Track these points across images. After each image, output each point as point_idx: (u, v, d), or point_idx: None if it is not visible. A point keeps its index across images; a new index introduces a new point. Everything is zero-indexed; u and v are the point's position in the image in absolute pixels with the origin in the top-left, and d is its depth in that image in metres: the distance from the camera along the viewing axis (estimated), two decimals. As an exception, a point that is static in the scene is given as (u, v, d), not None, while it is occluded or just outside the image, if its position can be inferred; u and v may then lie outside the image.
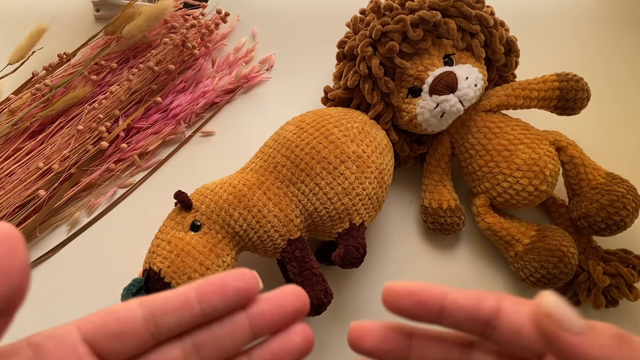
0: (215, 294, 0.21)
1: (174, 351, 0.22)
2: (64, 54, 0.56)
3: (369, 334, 0.23)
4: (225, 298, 0.21)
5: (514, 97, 0.47)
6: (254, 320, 0.22)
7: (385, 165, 0.44)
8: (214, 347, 0.22)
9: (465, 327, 0.21)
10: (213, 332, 0.22)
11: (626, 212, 0.42)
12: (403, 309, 0.21)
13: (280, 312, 0.22)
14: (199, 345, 0.22)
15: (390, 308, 0.22)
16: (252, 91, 0.58)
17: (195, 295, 0.21)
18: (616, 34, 0.60)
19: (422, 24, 0.44)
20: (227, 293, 0.21)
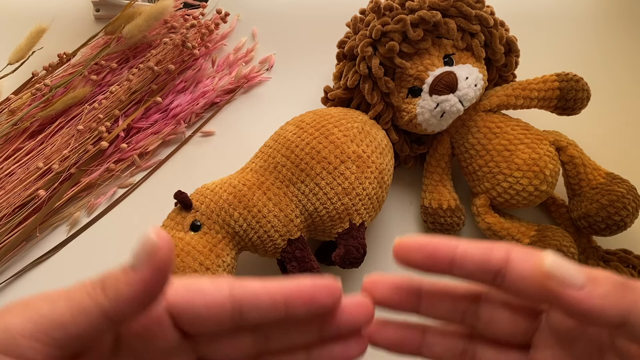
0: (304, 305, 0.21)
1: (247, 338, 0.23)
2: (64, 54, 0.56)
3: (381, 285, 0.23)
4: (310, 309, 0.21)
5: (514, 97, 0.47)
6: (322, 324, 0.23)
7: (385, 165, 0.44)
8: (282, 341, 0.23)
9: (475, 277, 0.22)
10: (285, 327, 0.23)
11: (626, 212, 0.42)
12: (414, 262, 0.22)
13: (349, 322, 0.23)
14: (270, 336, 0.23)
15: (401, 262, 0.22)
16: (252, 91, 0.58)
17: (284, 300, 0.21)
18: (616, 34, 0.60)
19: (422, 24, 0.44)
20: (314, 306, 0.21)
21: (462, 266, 0.21)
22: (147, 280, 0.19)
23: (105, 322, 0.19)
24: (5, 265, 0.48)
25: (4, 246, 0.47)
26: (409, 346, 0.25)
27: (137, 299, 0.19)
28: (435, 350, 0.24)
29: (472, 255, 0.21)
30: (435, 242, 0.21)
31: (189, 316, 0.21)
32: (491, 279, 0.21)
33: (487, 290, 0.24)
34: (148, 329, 0.21)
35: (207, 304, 0.21)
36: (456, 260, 0.21)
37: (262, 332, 0.23)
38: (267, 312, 0.21)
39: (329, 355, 0.23)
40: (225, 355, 0.23)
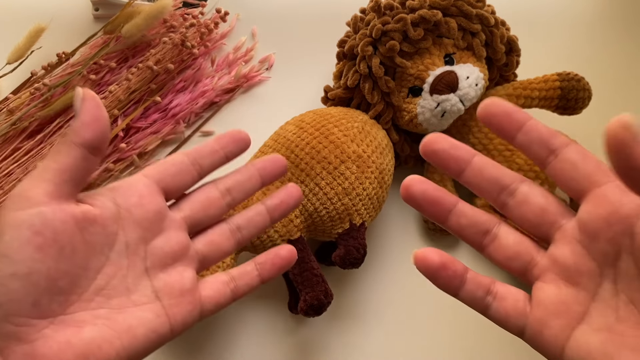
0: (230, 142, 0.30)
1: (214, 192, 0.30)
2: (63, 53, 0.56)
3: (442, 138, 0.26)
4: (236, 144, 0.31)
5: (515, 96, 0.47)
6: (261, 172, 0.31)
7: (385, 165, 0.43)
8: (239, 189, 0.31)
9: (533, 148, 0.24)
10: (237, 180, 0.31)
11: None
12: (495, 114, 0.25)
13: (274, 166, 0.32)
14: (230, 188, 0.31)
15: (483, 117, 0.25)
16: (251, 91, 0.58)
17: (218, 145, 0.30)
18: (617, 33, 0.60)
19: (422, 23, 0.44)
20: (236, 141, 0.31)
21: (529, 132, 0.24)
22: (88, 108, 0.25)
23: (76, 150, 0.25)
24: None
25: (3, 246, 0.47)
26: (441, 207, 0.26)
27: (88, 124, 0.25)
28: (461, 222, 0.26)
29: (541, 128, 0.24)
30: (515, 108, 0.25)
31: (167, 177, 0.28)
32: (546, 154, 0.24)
33: (530, 180, 0.26)
34: (141, 196, 0.27)
35: (174, 164, 0.29)
36: (526, 125, 0.24)
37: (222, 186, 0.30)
38: (212, 156, 0.30)
39: (278, 199, 0.32)
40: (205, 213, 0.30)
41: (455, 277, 0.25)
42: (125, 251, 0.27)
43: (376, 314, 0.45)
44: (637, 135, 0.19)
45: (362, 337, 0.44)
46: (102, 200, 0.26)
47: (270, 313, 0.45)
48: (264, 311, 0.45)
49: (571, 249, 0.24)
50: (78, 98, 0.25)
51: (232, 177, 0.31)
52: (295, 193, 0.33)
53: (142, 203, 0.27)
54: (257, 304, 0.45)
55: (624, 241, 0.22)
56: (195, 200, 0.30)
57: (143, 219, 0.27)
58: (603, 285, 0.23)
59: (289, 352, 0.44)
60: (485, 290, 0.25)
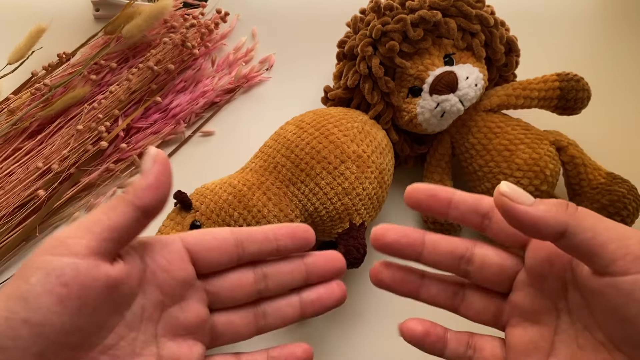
0: (288, 237, 0.28)
1: (249, 275, 0.28)
2: (64, 53, 0.56)
3: (391, 231, 0.28)
4: (294, 241, 0.28)
5: (515, 96, 0.47)
6: (309, 267, 0.29)
7: (385, 165, 0.43)
8: (278, 280, 0.28)
9: (467, 218, 0.26)
10: (279, 269, 0.28)
11: (627, 212, 0.42)
12: (421, 201, 0.27)
13: (328, 265, 0.29)
14: (267, 275, 0.28)
15: (411, 202, 0.27)
16: (252, 91, 0.58)
17: (273, 235, 0.28)
18: (616, 34, 0.60)
19: (422, 24, 0.44)
20: (295, 238, 0.28)
21: (458, 207, 0.26)
22: (156, 173, 0.25)
23: (132, 211, 0.24)
24: (5, 265, 0.48)
25: (4, 246, 0.47)
26: (410, 286, 0.29)
27: (152, 188, 0.24)
28: (431, 292, 0.28)
29: (467, 199, 0.26)
30: (438, 187, 0.27)
31: (203, 250, 0.27)
32: (480, 220, 0.26)
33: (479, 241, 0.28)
34: (170, 261, 0.26)
35: (215, 238, 0.27)
36: (453, 202, 0.26)
37: (260, 271, 0.28)
38: (262, 245, 0.28)
39: (316, 295, 0.29)
40: (232, 295, 0.28)
41: (438, 340, 0.28)
42: (140, 314, 0.26)
43: (376, 314, 0.45)
44: (513, 197, 0.23)
45: (362, 337, 0.44)
46: (133, 256, 0.25)
47: (270, 313, 0.45)
48: (264, 311, 0.45)
49: (526, 292, 0.26)
50: (149, 158, 0.25)
51: (275, 264, 0.29)
52: (337, 292, 0.29)
53: (170, 269, 0.26)
54: (258, 304, 0.45)
55: (566, 276, 0.25)
56: (226, 278, 0.28)
57: (166, 285, 0.26)
58: (561, 318, 0.26)
59: (289, 352, 0.44)
60: (464, 345, 0.28)
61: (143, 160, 0.25)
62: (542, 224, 0.22)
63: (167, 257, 0.26)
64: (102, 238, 0.24)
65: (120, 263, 0.24)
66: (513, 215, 0.23)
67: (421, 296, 0.29)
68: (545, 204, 0.23)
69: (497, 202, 0.23)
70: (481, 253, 0.27)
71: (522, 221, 0.23)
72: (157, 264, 0.26)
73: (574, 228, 0.22)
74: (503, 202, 0.23)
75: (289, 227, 0.28)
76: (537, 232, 0.23)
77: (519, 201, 0.23)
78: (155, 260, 0.26)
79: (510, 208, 0.23)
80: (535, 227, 0.23)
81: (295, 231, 0.28)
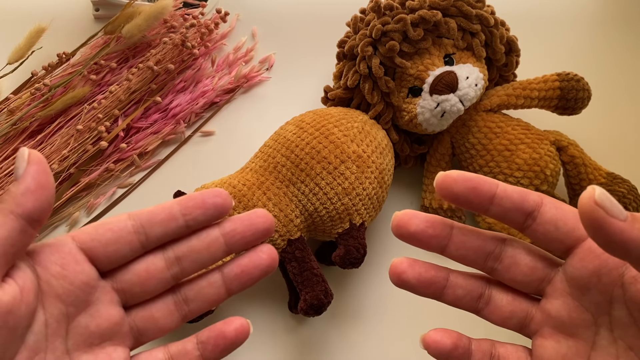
0: (197, 208, 0.24)
1: (158, 261, 0.25)
2: (64, 53, 0.56)
3: (416, 219, 0.25)
4: (205, 212, 0.24)
5: (515, 96, 0.47)
6: (227, 237, 0.25)
7: (385, 165, 0.43)
8: (193, 259, 0.25)
9: (509, 216, 0.23)
10: (193, 247, 0.25)
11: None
12: (458, 194, 0.23)
13: (250, 230, 0.25)
14: (180, 257, 0.25)
15: (444, 193, 0.23)
16: (251, 91, 0.58)
17: (179, 209, 0.24)
18: (617, 34, 0.60)
19: (422, 24, 0.44)
20: (206, 207, 0.24)
21: (501, 203, 0.23)
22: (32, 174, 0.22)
23: (14, 221, 0.21)
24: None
25: (3, 246, 0.47)
26: (435, 286, 0.26)
27: (31, 192, 0.21)
28: (457, 293, 0.26)
29: (511, 194, 0.23)
30: (481, 178, 0.23)
31: (99, 246, 0.23)
32: (523, 219, 0.23)
33: (511, 237, 0.25)
34: (64, 266, 0.23)
35: (110, 229, 0.24)
36: (497, 197, 0.23)
37: (171, 253, 0.25)
38: (167, 225, 0.24)
39: (239, 268, 0.26)
40: (143, 288, 0.25)
41: (465, 353, 0.25)
42: (44, 331, 0.22)
43: (376, 314, 0.45)
44: (609, 209, 0.19)
45: (362, 337, 0.44)
46: (23, 269, 0.22)
47: (270, 312, 0.45)
48: (264, 311, 0.45)
49: (563, 302, 0.24)
50: (22, 160, 0.22)
51: (187, 242, 0.25)
52: (264, 260, 0.26)
53: (65, 274, 0.23)
54: (257, 304, 0.45)
55: (614, 291, 0.23)
56: (133, 271, 0.25)
57: (66, 293, 0.23)
58: (600, 334, 0.23)
59: (289, 352, 0.44)
60: (488, 355, 0.26)
61: (16, 164, 0.22)
62: (635, 245, 0.19)
63: (59, 262, 0.23)
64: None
65: (11, 282, 0.21)
66: (605, 230, 0.19)
67: (445, 297, 0.26)
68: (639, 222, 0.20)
69: (590, 212, 0.19)
70: (512, 251, 0.25)
71: (613, 238, 0.20)
72: (50, 271, 0.23)
73: None
74: (598, 214, 0.19)
75: (196, 197, 0.24)
76: (626, 252, 0.20)
77: (614, 214, 0.19)
78: (48, 268, 0.23)
79: (605, 222, 0.19)
80: (626, 247, 0.20)
81: (204, 199, 0.24)
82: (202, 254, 0.25)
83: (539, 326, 0.25)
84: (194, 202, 0.24)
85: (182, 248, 0.25)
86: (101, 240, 0.24)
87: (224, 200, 0.24)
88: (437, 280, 0.26)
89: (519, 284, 0.25)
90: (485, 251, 0.25)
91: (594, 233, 0.20)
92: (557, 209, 0.23)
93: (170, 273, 0.25)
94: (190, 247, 0.25)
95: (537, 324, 0.25)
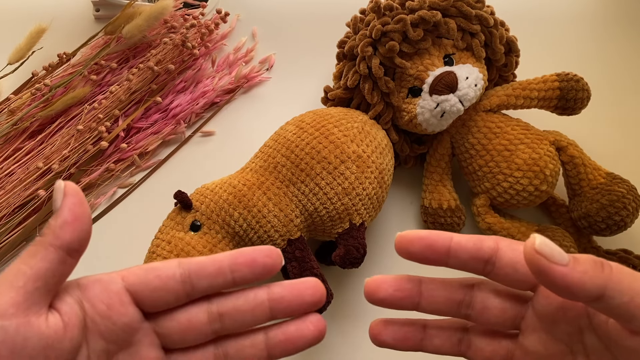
0: (246, 266, 0.24)
1: (201, 314, 0.25)
2: (64, 53, 0.56)
3: (385, 284, 0.25)
4: (253, 271, 0.24)
5: (514, 97, 0.47)
6: (274, 303, 0.25)
7: (385, 165, 0.44)
8: (235, 319, 0.25)
9: (468, 265, 0.24)
10: (238, 307, 0.25)
11: (626, 212, 0.42)
12: (414, 253, 0.24)
13: (298, 300, 0.25)
14: (223, 314, 0.25)
15: (402, 253, 0.24)
16: (252, 91, 0.58)
17: (229, 264, 0.24)
18: (616, 34, 0.60)
19: (422, 24, 0.44)
20: (255, 267, 0.24)
21: (457, 255, 0.24)
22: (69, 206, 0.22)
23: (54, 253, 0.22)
24: (5, 265, 0.48)
25: (4, 246, 0.47)
26: (412, 341, 0.27)
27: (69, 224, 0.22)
28: (435, 343, 0.27)
29: (466, 245, 0.24)
30: (433, 234, 0.24)
31: (146, 291, 0.24)
32: (482, 267, 0.24)
33: (479, 280, 0.26)
34: (110, 306, 0.23)
35: (158, 275, 0.24)
36: (451, 250, 0.24)
37: (214, 309, 0.25)
38: (214, 279, 0.24)
39: (284, 336, 0.25)
40: (183, 336, 0.25)
41: None
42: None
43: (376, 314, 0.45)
44: (549, 256, 0.20)
45: (362, 337, 0.44)
46: (71, 304, 0.23)
47: (270, 312, 0.45)
48: (264, 311, 0.45)
49: (538, 336, 0.25)
50: (59, 192, 0.22)
51: (232, 300, 0.25)
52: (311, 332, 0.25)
53: (110, 315, 0.23)
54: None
55: (581, 322, 0.23)
56: (176, 318, 0.25)
57: (108, 332, 0.23)
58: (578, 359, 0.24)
59: (289, 352, 0.44)
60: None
61: (53, 196, 0.23)
62: (578, 288, 0.20)
63: (106, 301, 0.23)
64: (27, 290, 0.21)
65: (56, 315, 0.22)
66: (548, 277, 0.20)
67: (425, 348, 0.27)
68: (581, 264, 0.21)
69: (531, 260, 0.21)
70: (481, 296, 0.25)
71: (557, 283, 0.21)
72: (96, 309, 0.23)
73: (611, 291, 0.20)
74: (538, 261, 0.20)
75: (247, 255, 0.24)
76: (572, 295, 0.21)
77: (555, 261, 0.20)
78: (94, 305, 0.23)
79: (546, 269, 0.20)
80: (571, 291, 0.21)
81: (254, 258, 0.24)
82: (245, 315, 0.25)
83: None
84: (244, 260, 0.24)
85: (227, 305, 0.25)
86: (148, 285, 0.24)
87: (274, 262, 0.24)
88: (412, 335, 0.27)
89: (494, 325, 0.26)
90: (455, 301, 0.26)
91: (539, 279, 0.21)
92: (513, 252, 0.24)
93: (212, 328, 0.25)
94: (235, 307, 0.25)
95: (519, 359, 0.26)
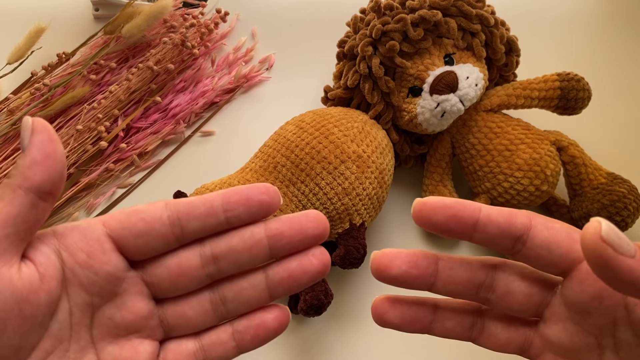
0: (241, 204, 0.22)
1: (193, 258, 0.23)
2: (63, 53, 0.56)
3: (398, 260, 0.22)
4: (249, 209, 0.22)
5: (515, 96, 0.47)
6: (272, 240, 0.22)
7: (385, 165, 0.43)
8: (231, 261, 0.23)
9: (496, 242, 0.21)
10: (233, 247, 0.23)
11: (627, 212, 0.42)
12: (437, 223, 0.21)
13: (299, 235, 0.22)
14: (218, 256, 0.23)
15: (422, 222, 0.21)
16: (251, 91, 0.58)
17: (221, 203, 0.22)
18: (617, 34, 0.60)
19: (422, 24, 0.44)
20: (251, 204, 0.22)
21: (485, 230, 0.21)
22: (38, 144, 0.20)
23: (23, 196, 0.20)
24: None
25: (3, 246, 0.47)
26: (422, 323, 0.24)
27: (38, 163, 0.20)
28: (446, 326, 0.24)
29: (496, 219, 0.21)
30: (460, 203, 0.21)
31: (129, 236, 0.22)
32: (512, 244, 0.21)
33: (501, 261, 0.23)
34: (90, 254, 0.21)
35: (143, 219, 0.22)
36: (479, 223, 0.21)
37: (208, 251, 0.23)
38: (205, 219, 0.22)
39: (286, 272, 0.23)
40: (174, 284, 0.23)
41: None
42: (68, 320, 0.21)
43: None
44: (617, 247, 0.17)
45: (362, 337, 0.44)
46: (47, 254, 0.21)
47: (270, 313, 0.45)
48: (264, 311, 0.45)
49: (564, 327, 0.22)
50: (26, 129, 0.20)
51: (226, 240, 0.23)
52: (314, 266, 0.23)
53: (91, 263, 0.21)
54: (257, 304, 0.45)
55: (618, 314, 0.21)
56: (165, 265, 0.23)
57: (90, 283, 0.21)
58: (605, 355, 0.22)
59: (289, 352, 0.44)
60: None
61: (20, 135, 0.20)
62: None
63: (85, 249, 0.21)
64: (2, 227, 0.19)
65: (30, 265, 0.20)
66: (613, 269, 0.18)
67: (434, 331, 0.24)
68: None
69: (594, 248, 0.18)
70: (505, 279, 0.23)
71: (622, 278, 0.18)
72: (76, 258, 0.21)
73: None
74: (604, 251, 0.17)
75: (241, 193, 0.22)
76: (637, 291, 0.18)
77: (622, 251, 0.17)
78: (73, 254, 0.21)
79: (611, 261, 0.17)
80: (637, 287, 0.18)
81: (248, 195, 0.22)
82: (242, 255, 0.23)
83: (540, 351, 0.23)
84: (237, 198, 0.22)
85: (221, 246, 0.23)
86: (132, 230, 0.22)
87: (271, 199, 0.22)
88: (422, 317, 0.24)
89: (515, 311, 0.23)
90: (475, 283, 0.23)
91: (600, 272, 0.18)
92: (548, 230, 0.21)
93: (205, 272, 0.23)
94: (230, 247, 0.23)
95: (538, 349, 0.23)
